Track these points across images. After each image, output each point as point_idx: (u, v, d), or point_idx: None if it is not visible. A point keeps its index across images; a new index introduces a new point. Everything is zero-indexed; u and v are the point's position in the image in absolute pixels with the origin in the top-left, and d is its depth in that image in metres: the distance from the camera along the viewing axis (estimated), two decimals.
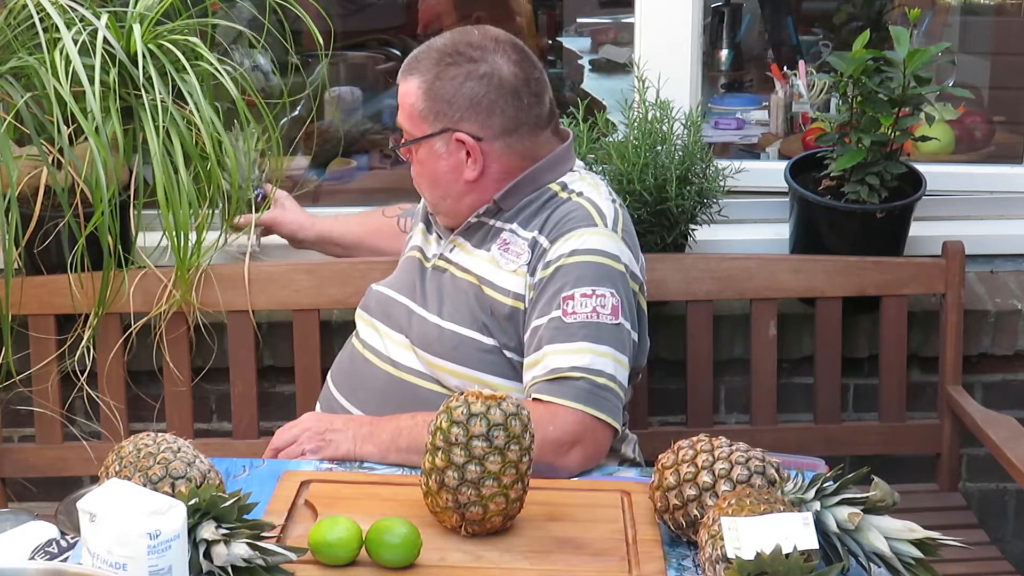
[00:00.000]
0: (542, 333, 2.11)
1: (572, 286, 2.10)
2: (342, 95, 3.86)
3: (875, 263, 2.69)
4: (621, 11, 4.48)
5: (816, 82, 3.30)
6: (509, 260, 2.19)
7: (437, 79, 2.16)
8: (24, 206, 2.50)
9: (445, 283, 2.24)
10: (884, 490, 1.67)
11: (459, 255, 2.25)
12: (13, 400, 2.72)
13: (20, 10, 2.53)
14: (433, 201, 2.28)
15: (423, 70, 2.17)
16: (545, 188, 2.23)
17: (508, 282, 2.18)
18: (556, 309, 2.10)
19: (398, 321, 2.28)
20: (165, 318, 2.63)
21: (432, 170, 2.22)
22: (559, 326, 2.09)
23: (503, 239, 2.21)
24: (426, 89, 2.17)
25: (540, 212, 2.20)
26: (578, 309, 2.09)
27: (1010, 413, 2.59)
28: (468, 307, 2.19)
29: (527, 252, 2.17)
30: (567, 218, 2.17)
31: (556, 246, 2.14)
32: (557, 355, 2.08)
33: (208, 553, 1.60)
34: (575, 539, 1.79)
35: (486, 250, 2.22)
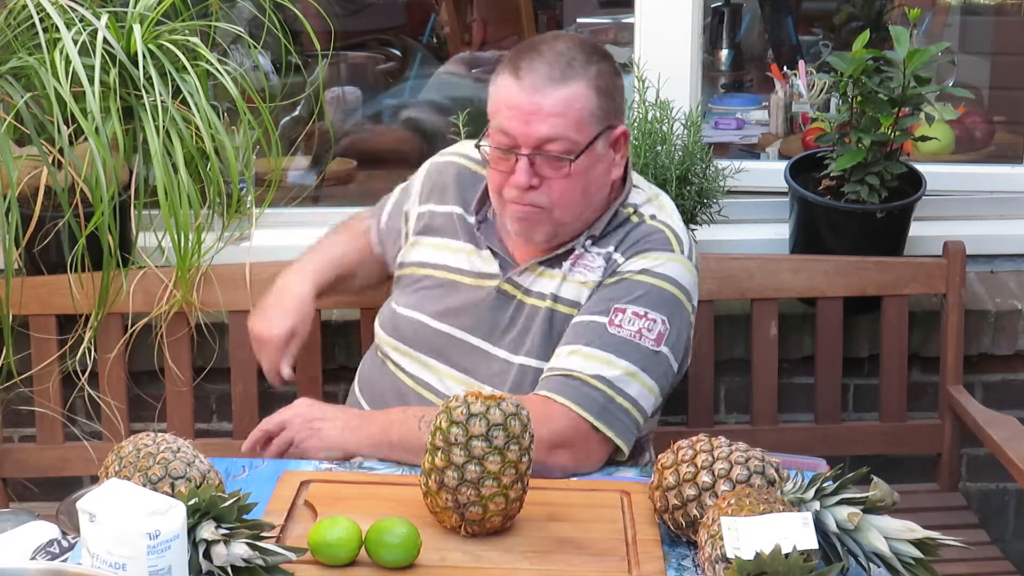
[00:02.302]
0: (580, 331, 2.08)
1: (628, 301, 2.08)
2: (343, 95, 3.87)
3: (875, 263, 2.69)
4: (621, 11, 4.48)
5: (816, 82, 3.30)
6: (578, 272, 2.14)
7: (599, 76, 2.05)
8: (24, 206, 2.51)
9: (515, 311, 2.16)
10: (884, 490, 1.67)
11: (530, 279, 2.16)
12: (14, 400, 2.72)
13: (20, 10, 2.53)
14: (574, 217, 2.11)
15: (582, 71, 2.03)
16: (620, 211, 2.16)
17: (573, 292, 2.13)
18: (603, 315, 2.07)
19: (459, 361, 2.17)
20: (166, 318, 2.63)
21: (588, 179, 2.08)
22: (600, 333, 2.06)
23: (576, 255, 2.15)
24: (599, 87, 2.05)
25: (616, 231, 2.15)
26: (625, 325, 2.06)
27: (1010, 413, 2.59)
28: (543, 336, 2.12)
29: (601, 268, 2.13)
30: (646, 239, 2.13)
31: (630, 261, 2.12)
32: (584, 359, 2.05)
33: (208, 553, 1.60)
34: (575, 539, 1.79)
35: (558, 268, 2.15)
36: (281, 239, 2.84)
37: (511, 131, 2.04)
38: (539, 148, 2.03)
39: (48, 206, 2.54)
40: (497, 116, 2.07)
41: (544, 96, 2.02)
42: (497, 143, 2.07)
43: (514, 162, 2.05)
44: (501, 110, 2.06)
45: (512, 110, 2.04)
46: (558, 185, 2.06)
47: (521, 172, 2.04)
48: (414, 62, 4.29)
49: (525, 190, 2.06)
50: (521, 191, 2.06)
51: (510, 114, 2.04)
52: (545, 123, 2.02)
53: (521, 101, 2.03)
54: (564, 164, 2.04)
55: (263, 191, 2.84)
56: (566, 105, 2.02)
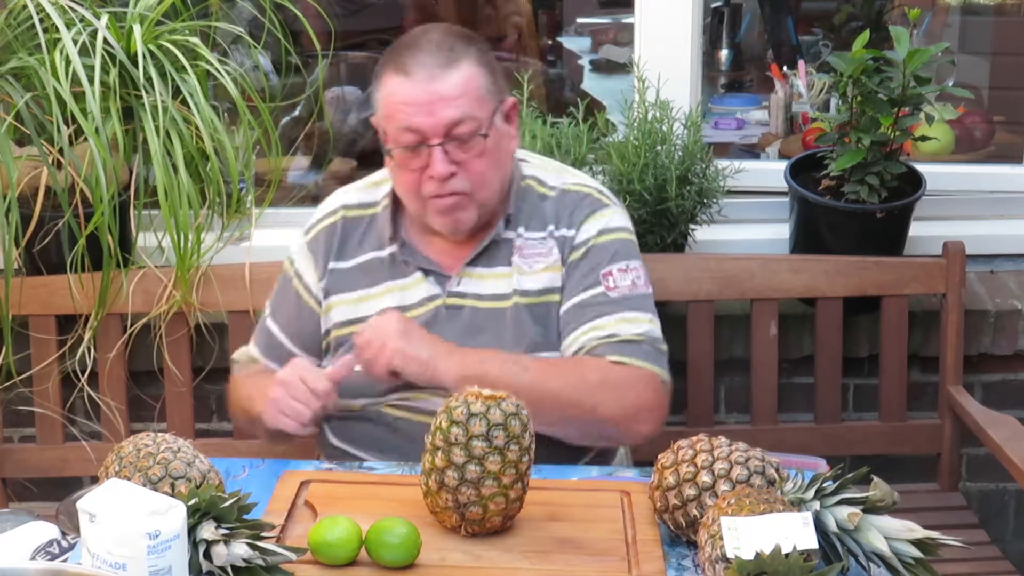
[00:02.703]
0: (587, 309, 2.13)
1: (608, 263, 2.16)
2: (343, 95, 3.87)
3: (875, 263, 2.69)
4: (621, 11, 4.49)
5: (816, 82, 3.30)
6: (534, 262, 2.17)
7: (480, 54, 2.09)
8: (24, 206, 2.51)
9: (470, 318, 2.16)
10: (884, 490, 1.67)
11: (470, 284, 2.17)
12: (14, 400, 2.72)
13: (20, 10, 2.53)
14: (493, 194, 2.13)
15: (464, 51, 2.07)
16: (521, 187, 2.20)
17: (544, 280, 2.17)
18: (597, 286, 2.15)
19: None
20: (165, 318, 2.63)
21: (497, 151, 2.12)
22: (605, 301, 2.14)
23: (518, 246, 2.18)
24: (484, 62, 2.09)
25: (537, 211, 2.20)
26: (620, 283, 2.16)
27: (1010, 413, 2.59)
28: (516, 329, 2.14)
29: (554, 249, 2.18)
30: (580, 205, 2.20)
31: (582, 229, 2.18)
32: (615, 325, 2.12)
33: (208, 553, 1.60)
34: (575, 539, 1.79)
35: (506, 266, 2.17)
36: (281, 239, 2.83)
37: (417, 126, 2.05)
38: (448, 134, 2.05)
39: (48, 206, 2.54)
40: (396, 118, 2.07)
41: (440, 83, 2.04)
42: (404, 143, 2.07)
43: (427, 155, 2.06)
44: (399, 110, 2.06)
45: (412, 106, 2.04)
46: (475, 166, 2.08)
47: (439, 162, 2.05)
48: None
49: (445, 179, 2.07)
50: (441, 181, 2.07)
51: (411, 110, 2.05)
52: (449, 107, 2.04)
53: (419, 94, 2.04)
54: (477, 143, 2.07)
55: (263, 191, 2.84)
56: (463, 86, 2.05)
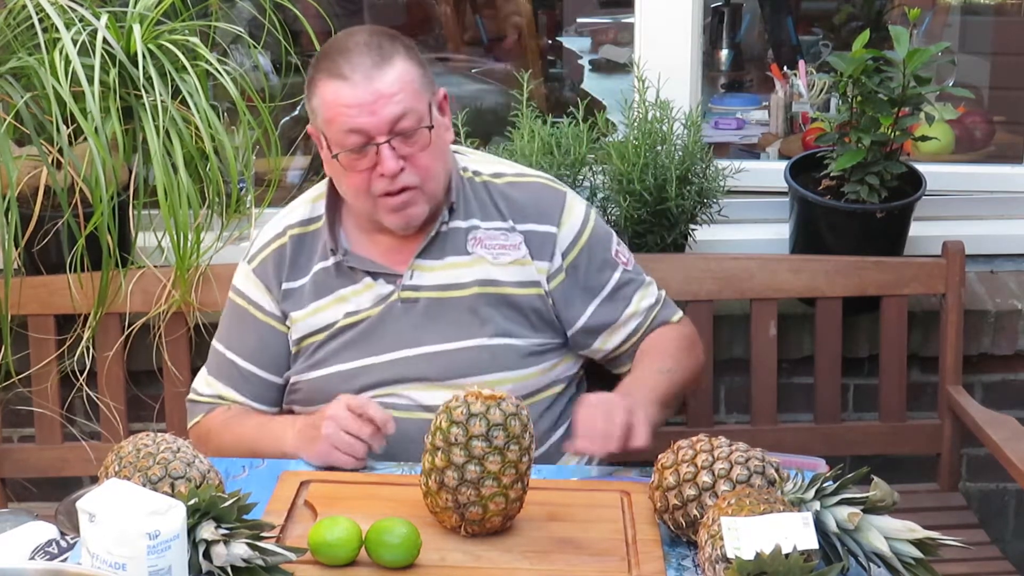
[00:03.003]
0: (623, 290, 2.28)
1: (608, 243, 2.29)
2: None
3: (875, 263, 2.69)
4: (621, 11, 4.48)
5: (816, 82, 3.30)
6: (502, 253, 2.20)
7: (407, 50, 2.12)
8: (24, 206, 2.51)
9: (427, 309, 2.18)
10: (884, 490, 1.67)
11: (423, 277, 2.19)
12: (13, 400, 2.72)
13: (20, 10, 2.53)
14: (440, 186, 2.16)
15: (392, 49, 2.10)
16: (460, 177, 2.23)
17: (518, 274, 2.20)
18: (616, 268, 2.28)
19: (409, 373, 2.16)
20: (164, 318, 2.63)
21: (440, 143, 2.15)
22: (629, 278, 2.29)
23: (476, 238, 2.21)
24: (413, 62, 2.12)
25: (485, 202, 2.23)
26: (625, 256, 2.31)
27: (1010, 413, 2.59)
28: (472, 316, 2.17)
29: (519, 242, 2.21)
30: (539, 198, 2.25)
31: (564, 227, 2.24)
32: (644, 299, 2.30)
33: (208, 553, 1.60)
34: (575, 539, 1.79)
35: (463, 255, 2.19)
36: None
37: (361, 127, 2.07)
38: (393, 131, 2.08)
39: (48, 206, 2.54)
40: (337, 121, 2.08)
41: (378, 82, 2.07)
42: (350, 145, 2.08)
43: (374, 154, 2.08)
44: (341, 113, 2.08)
45: (354, 107, 2.07)
46: (421, 159, 2.11)
47: (387, 159, 2.07)
48: None
49: (395, 175, 2.09)
50: (392, 178, 2.09)
51: (354, 112, 2.07)
52: (390, 104, 2.07)
53: (360, 95, 2.06)
54: (422, 135, 2.10)
55: (263, 191, 2.84)
56: (400, 82, 2.08)
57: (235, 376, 2.26)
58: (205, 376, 2.30)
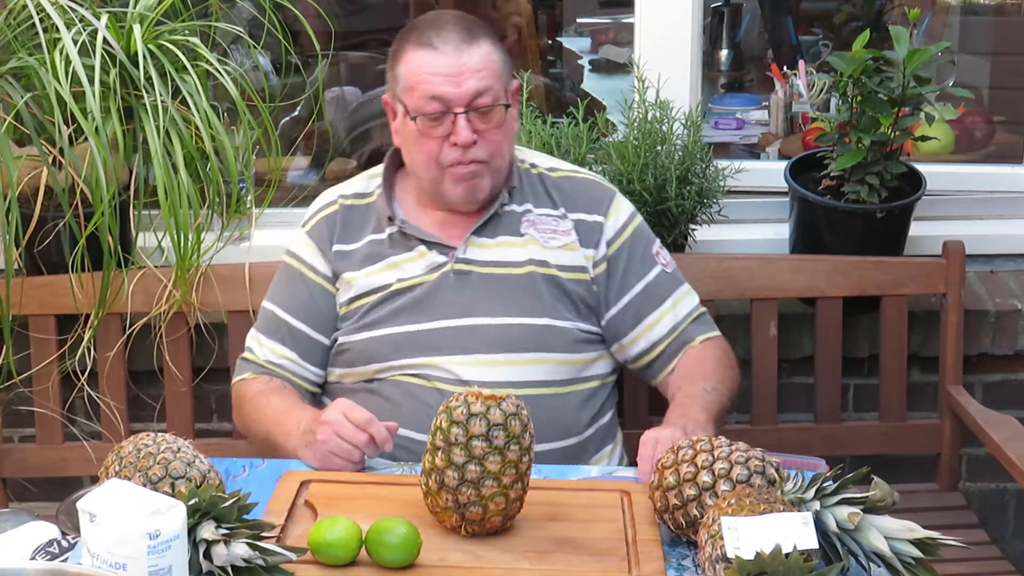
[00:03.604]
0: (657, 289, 2.31)
1: (649, 242, 2.35)
2: (343, 95, 3.87)
3: (875, 263, 2.69)
4: (621, 11, 4.48)
5: (816, 82, 3.30)
6: (552, 238, 2.27)
7: (493, 35, 2.22)
8: (24, 206, 2.51)
9: (479, 283, 2.23)
10: (884, 490, 1.67)
11: (476, 252, 2.25)
12: (13, 400, 2.72)
13: (20, 10, 2.53)
14: (505, 165, 2.24)
15: (483, 32, 2.20)
16: (519, 167, 2.31)
17: (565, 258, 2.26)
18: (655, 267, 2.32)
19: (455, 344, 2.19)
20: (165, 318, 2.63)
21: (511, 128, 2.24)
22: (666, 280, 2.33)
23: (529, 220, 2.28)
24: (498, 48, 2.21)
25: (539, 190, 2.31)
26: (667, 259, 2.36)
27: (1010, 413, 2.59)
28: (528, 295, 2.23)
29: (570, 228, 2.28)
30: (590, 191, 2.33)
31: (611, 218, 2.31)
32: (681, 303, 2.33)
33: (208, 553, 1.60)
34: (575, 539, 1.79)
35: (516, 235, 2.26)
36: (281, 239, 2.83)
37: (443, 95, 2.15)
38: (471, 104, 2.16)
39: (48, 206, 2.54)
40: (420, 88, 2.16)
41: (467, 56, 2.16)
42: (430, 112, 2.16)
43: (450, 124, 2.16)
44: (425, 80, 2.16)
45: (439, 76, 2.15)
46: (493, 136, 2.18)
47: (463, 129, 2.15)
48: None
49: (468, 146, 2.16)
50: (464, 149, 2.16)
51: (438, 80, 2.15)
52: (474, 78, 2.15)
53: (447, 65, 2.15)
54: (497, 114, 2.18)
55: (263, 191, 2.84)
56: (486, 60, 2.17)
57: (284, 332, 2.30)
58: (256, 335, 2.34)
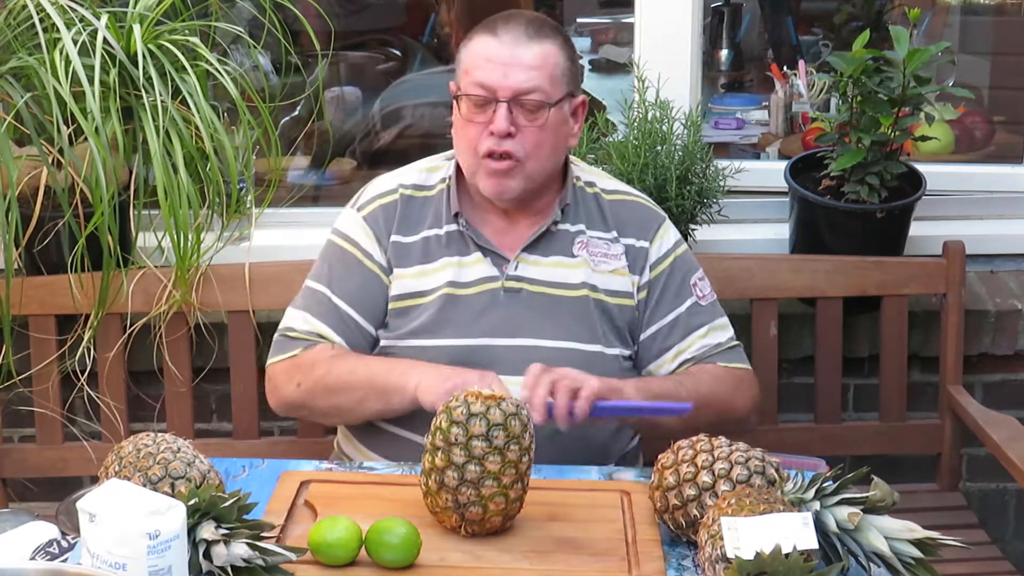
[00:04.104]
0: (685, 320, 2.26)
1: (690, 273, 2.30)
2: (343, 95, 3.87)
3: (875, 263, 2.69)
4: (621, 11, 4.49)
5: (816, 82, 3.30)
6: (603, 261, 2.25)
7: (566, 44, 2.19)
8: (24, 206, 2.51)
9: (529, 302, 2.20)
10: (884, 490, 1.67)
11: (528, 270, 2.22)
12: (13, 400, 2.72)
13: (20, 10, 2.53)
14: (542, 171, 2.18)
15: (553, 35, 2.17)
16: (576, 186, 2.28)
17: (614, 283, 2.24)
18: (690, 297, 2.28)
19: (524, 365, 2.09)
20: (165, 318, 2.63)
21: (555, 136, 2.18)
22: (699, 311, 2.28)
23: (582, 242, 2.25)
24: (567, 53, 2.18)
25: (593, 211, 2.28)
26: (705, 291, 2.31)
27: (1010, 413, 2.59)
28: (580, 319, 2.20)
29: (621, 253, 2.25)
30: (641, 216, 2.30)
31: (656, 244, 2.28)
32: (712, 333, 2.28)
33: (208, 553, 1.60)
34: (575, 539, 1.79)
35: (568, 256, 2.23)
36: (281, 239, 2.84)
37: (489, 82, 2.12)
38: (516, 98, 2.12)
39: (48, 206, 2.54)
40: (473, 72, 2.14)
41: (523, 49, 2.13)
42: (475, 99, 2.14)
43: (492, 112, 2.12)
44: (479, 65, 2.14)
45: (491, 63, 2.13)
46: (532, 134, 2.14)
47: (501, 118, 2.12)
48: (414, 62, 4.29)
49: (503, 137, 2.12)
50: (499, 138, 2.13)
51: (489, 67, 2.13)
52: (523, 73, 2.12)
53: (501, 53, 2.12)
54: (541, 113, 2.13)
55: (263, 191, 2.84)
56: (543, 59, 2.14)
57: (333, 316, 2.23)
58: (298, 314, 2.26)
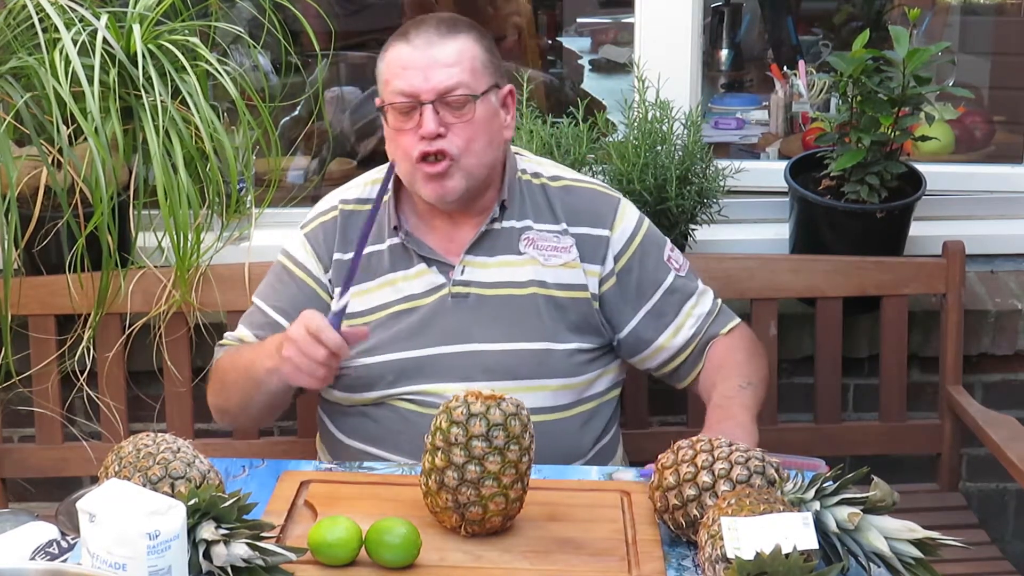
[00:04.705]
0: (672, 295, 2.27)
1: (660, 248, 2.29)
2: (343, 95, 3.87)
3: (875, 263, 2.69)
4: (621, 11, 4.49)
5: (816, 82, 3.30)
6: (552, 255, 2.21)
7: (482, 37, 2.17)
8: (24, 206, 2.51)
9: (477, 306, 2.18)
10: (884, 490, 1.67)
11: (475, 273, 2.20)
12: (13, 400, 2.72)
13: (20, 10, 2.53)
14: (480, 166, 2.15)
15: (466, 30, 2.16)
16: (519, 179, 2.25)
17: (565, 276, 2.21)
18: (668, 273, 2.28)
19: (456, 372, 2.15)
20: (165, 318, 2.63)
21: (488, 129, 2.16)
22: (682, 284, 2.28)
23: (529, 238, 2.22)
24: (484, 44, 2.16)
25: (540, 203, 2.24)
26: (679, 261, 2.31)
27: (1010, 413, 2.59)
28: (535, 318, 2.18)
29: (571, 245, 2.22)
30: (594, 203, 2.26)
31: (617, 230, 2.24)
32: (701, 301, 2.30)
33: (208, 553, 1.60)
34: (575, 539, 1.79)
35: (515, 254, 2.21)
36: (280, 239, 2.82)
37: (410, 88, 2.11)
38: (440, 98, 2.11)
39: (48, 206, 2.54)
40: (393, 82, 2.13)
41: (438, 49, 2.12)
42: (399, 107, 2.12)
43: (419, 116, 2.11)
44: (397, 73, 2.12)
45: (408, 69, 2.11)
46: (463, 130, 2.12)
47: (428, 120, 2.10)
48: None
49: (433, 138, 2.11)
50: (430, 139, 2.11)
51: (407, 73, 2.11)
52: (443, 72, 2.11)
53: (416, 58, 2.12)
54: (467, 108, 2.12)
55: (263, 191, 2.84)
56: (459, 54, 2.13)
57: (267, 329, 2.25)
58: (240, 327, 2.31)
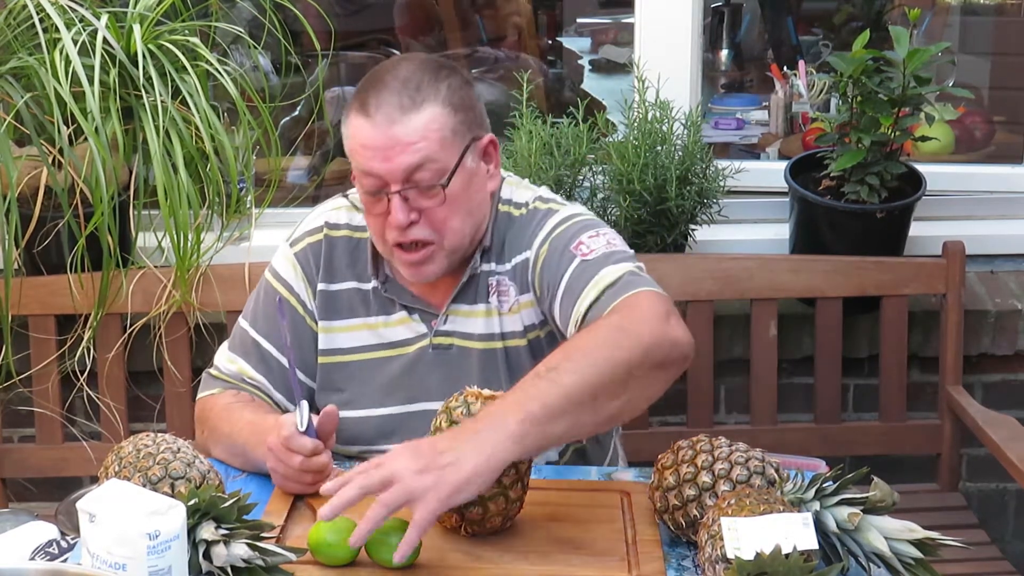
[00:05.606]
0: (574, 283, 1.92)
1: (573, 239, 1.97)
2: (343, 95, 3.87)
3: (875, 263, 2.69)
4: (621, 11, 4.49)
5: (816, 82, 3.30)
6: (503, 302, 2.05)
7: (450, 92, 1.93)
8: (24, 206, 2.51)
9: (459, 360, 2.04)
10: (884, 490, 1.67)
11: (458, 323, 2.05)
12: (13, 400, 2.72)
13: (20, 10, 2.53)
14: (464, 238, 1.98)
15: (431, 95, 1.92)
16: (499, 213, 2.06)
17: (520, 320, 2.04)
18: (571, 262, 1.94)
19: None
20: (165, 318, 2.63)
21: (467, 198, 1.96)
22: (584, 268, 1.93)
23: (491, 284, 2.05)
24: (453, 105, 1.93)
25: (508, 240, 2.06)
26: (594, 246, 1.96)
27: (1010, 413, 2.59)
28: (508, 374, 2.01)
29: (515, 282, 2.04)
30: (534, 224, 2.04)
31: (535, 245, 2.02)
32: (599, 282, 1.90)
33: (208, 553, 1.60)
34: (575, 539, 1.79)
35: (484, 304, 2.05)
36: (281, 239, 2.82)
37: (375, 171, 1.92)
38: (408, 180, 1.91)
39: (48, 206, 2.54)
40: (355, 158, 1.95)
41: (400, 127, 1.90)
42: (366, 188, 1.94)
43: (387, 203, 1.93)
44: (358, 151, 1.93)
45: (369, 150, 1.91)
46: (438, 213, 1.94)
47: (397, 210, 1.91)
48: None
49: (406, 228, 1.93)
50: (402, 230, 1.93)
51: (369, 154, 1.91)
52: (406, 153, 1.90)
53: (376, 138, 1.90)
54: (437, 190, 1.92)
55: (263, 191, 2.84)
56: (424, 130, 1.90)
57: (255, 355, 2.10)
58: (227, 352, 2.13)
